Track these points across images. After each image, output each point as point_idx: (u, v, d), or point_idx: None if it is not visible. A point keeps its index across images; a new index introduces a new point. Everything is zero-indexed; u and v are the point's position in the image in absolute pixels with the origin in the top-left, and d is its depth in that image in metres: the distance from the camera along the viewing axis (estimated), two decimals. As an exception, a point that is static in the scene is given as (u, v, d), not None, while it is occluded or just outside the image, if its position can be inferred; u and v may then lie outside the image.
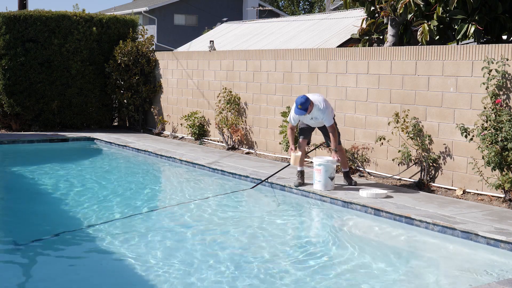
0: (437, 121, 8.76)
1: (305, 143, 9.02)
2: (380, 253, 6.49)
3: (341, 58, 10.22)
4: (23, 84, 14.82)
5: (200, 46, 21.05)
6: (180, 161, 11.33)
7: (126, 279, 5.78)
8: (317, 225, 7.98)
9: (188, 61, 14.14)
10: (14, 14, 14.69)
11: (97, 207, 8.31)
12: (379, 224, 7.42)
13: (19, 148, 13.33)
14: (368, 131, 9.79)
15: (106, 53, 15.52)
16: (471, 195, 8.29)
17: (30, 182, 10.06)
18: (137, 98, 15.29)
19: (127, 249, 6.48)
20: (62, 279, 5.76)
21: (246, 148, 12.39)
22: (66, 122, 15.49)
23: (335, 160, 8.60)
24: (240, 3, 44.13)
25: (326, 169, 8.50)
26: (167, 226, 7.51)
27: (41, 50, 14.86)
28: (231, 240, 7.03)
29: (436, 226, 6.92)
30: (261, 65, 11.93)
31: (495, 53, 8.00)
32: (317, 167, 8.56)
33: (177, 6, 42.20)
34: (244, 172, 9.88)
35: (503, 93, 7.90)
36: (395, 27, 10.71)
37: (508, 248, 6.23)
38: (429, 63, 8.83)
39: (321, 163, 8.53)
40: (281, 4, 59.51)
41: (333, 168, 8.58)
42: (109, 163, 12.11)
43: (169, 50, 22.66)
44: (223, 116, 12.57)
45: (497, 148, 7.58)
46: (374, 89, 9.64)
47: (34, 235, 6.92)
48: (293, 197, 8.83)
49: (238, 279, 5.66)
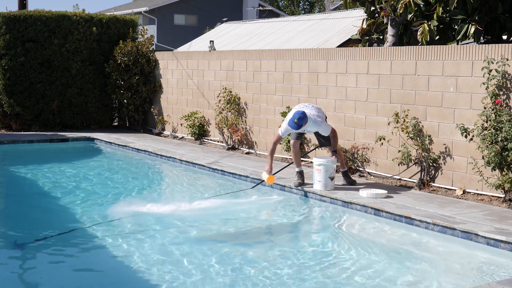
0: (437, 121, 8.76)
1: (298, 144, 9.01)
2: (379, 253, 6.49)
3: (341, 58, 10.22)
4: (23, 84, 14.82)
5: (200, 46, 21.06)
6: (180, 161, 11.33)
7: (127, 279, 5.78)
8: (316, 225, 7.97)
9: (188, 61, 14.14)
10: (14, 14, 14.69)
11: (97, 207, 8.31)
12: (379, 224, 7.42)
13: (19, 148, 13.33)
14: (368, 131, 9.79)
15: (106, 53, 15.52)
16: (471, 195, 8.29)
17: (30, 182, 10.06)
18: (137, 98, 15.29)
19: (127, 249, 6.48)
20: (62, 279, 5.76)
21: (246, 148, 12.39)
22: (66, 122, 15.49)
23: (335, 160, 8.62)
24: (240, 3, 44.14)
25: (326, 169, 8.51)
26: (167, 226, 7.51)
27: (41, 50, 14.85)
28: (230, 240, 7.03)
29: (436, 226, 6.92)
30: (261, 65, 11.93)
31: (495, 53, 8.00)
32: (317, 167, 8.56)
33: (177, 6, 42.21)
34: (244, 172, 9.88)
35: (503, 93, 7.90)
36: (395, 27, 10.71)
37: (508, 248, 6.23)
38: (429, 63, 8.83)
39: (321, 163, 8.54)
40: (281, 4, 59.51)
41: (333, 168, 8.59)
42: (109, 163, 12.11)
43: (169, 50, 22.67)
44: (223, 116, 12.57)
45: (497, 148, 7.58)
46: (374, 89, 9.64)
47: (34, 235, 6.92)
48: (293, 197, 8.83)
49: (237, 279, 5.66)
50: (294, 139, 8.95)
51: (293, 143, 8.95)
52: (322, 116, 8.79)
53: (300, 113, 8.48)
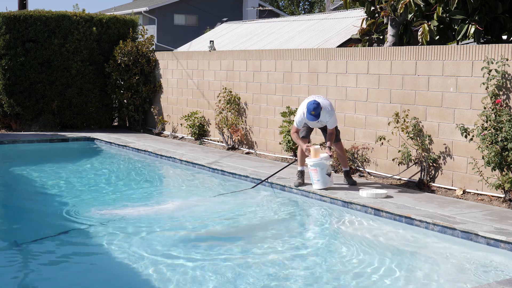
0: (437, 121, 8.76)
1: (306, 142, 9.02)
2: (379, 253, 6.49)
3: (341, 58, 10.22)
4: (23, 84, 14.82)
5: (200, 46, 21.06)
6: (180, 161, 11.33)
7: (127, 279, 5.78)
8: (316, 225, 7.97)
9: (188, 61, 14.15)
10: (14, 14, 14.70)
11: (97, 206, 8.31)
12: (379, 224, 7.42)
13: (19, 148, 13.33)
14: (368, 131, 9.79)
15: (106, 53, 15.52)
16: (471, 195, 8.29)
17: (30, 182, 10.06)
18: (137, 98, 15.30)
19: (128, 249, 6.47)
20: (62, 279, 5.76)
21: (246, 148, 12.39)
22: (66, 122, 15.49)
23: (327, 156, 8.55)
24: (240, 3, 44.14)
25: (321, 168, 8.49)
26: (167, 225, 7.51)
27: (41, 50, 14.86)
28: (230, 240, 7.03)
29: (436, 226, 6.92)
30: (261, 65, 11.93)
31: (495, 53, 8.00)
32: (312, 168, 8.55)
33: (177, 6, 42.20)
34: (244, 172, 9.88)
35: (503, 93, 7.90)
36: (395, 27, 10.71)
37: (508, 248, 6.23)
38: (429, 63, 8.83)
39: (315, 163, 8.50)
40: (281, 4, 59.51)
41: (328, 165, 8.56)
42: (109, 163, 12.11)
43: (169, 50, 22.67)
44: (223, 116, 12.57)
45: (497, 148, 7.58)
46: (374, 89, 9.65)
47: (34, 235, 6.92)
48: (293, 197, 8.83)
49: (237, 280, 5.66)
50: (302, 137, 8.94)
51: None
52: (333, 108, 8.77)
53: (313, 102, 8.47)
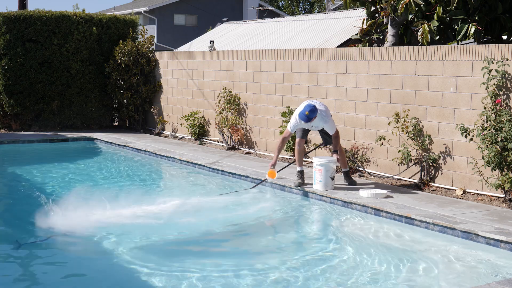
0: (437, 121, 8.76)
1: (303, 142, 9.03)
2: (379, 253, 6.49)
3: (341, 58, 10.22)
4: (23, 84, 14.83)
5: (200, 46, 21.05)
6: (180, 161, 11.33)
7: (127, 279, 5.77)
8: (316, 225, 7.97)
9: (188, 61, 14.14)
10: (14, 14, 14.70)
11: (97, 206, 8.29)
12: (379, 224, 7.42)
13: (19, 148, 13.33)
14: (368, 131, 9.79)
15: (106, 53, 15.52)
16: (471, 195, 8.29)
17: (30, 182, 10.05)
18: (137, 98, 15.30)
19: (127, 248, 6.47)
20: (62, 279, 5.76)
21: (246, 148, 12.39)
22: (66, 122, 15.49)
23: (335, 160, 8.63)
24: (240, 3, 44.12)
25: (327, 169, 8.52)
26: (167, 226, 7.51)
27: (41, 50, 14.86)
28: (230, 240, 7.03)
29: (436, 226, 6.92)
30: (261, 65, 11.93)
31: (495, 53, 8.00)
32: (318, 167, 8.57)
33: (177, 6, 42.18)
34: (244, 172, 9.88)
35: (503, 93, 7.90)
36: (395, 27, 10.71)
37: (508, 248, 6.23)
38: (429, 63, 8.83)
39: (322, 163, 8.55)
40: (281, 4, 59.50)
41: (334, 168, 8.61)
42: (109, 163, 12.10)
43: (169, 50, 22.66)
44: (223, 116, 12.57)
45: (497, 148, 7.58)
46: (374, 89, 9.64)
47: (34, 235, 6.91)
48: (293, 197, 8.83)
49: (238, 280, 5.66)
50: (299, 137, 8.96)
51: (298, 141, 8.96)
52: (329, 114, 8.88)
53: (311, 105, 8.58)
